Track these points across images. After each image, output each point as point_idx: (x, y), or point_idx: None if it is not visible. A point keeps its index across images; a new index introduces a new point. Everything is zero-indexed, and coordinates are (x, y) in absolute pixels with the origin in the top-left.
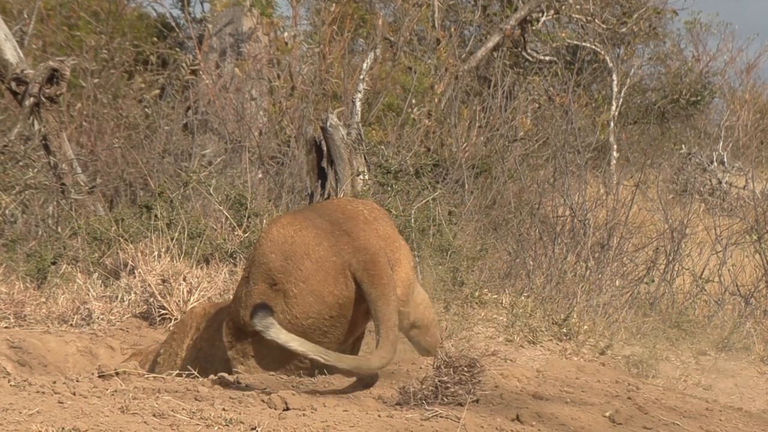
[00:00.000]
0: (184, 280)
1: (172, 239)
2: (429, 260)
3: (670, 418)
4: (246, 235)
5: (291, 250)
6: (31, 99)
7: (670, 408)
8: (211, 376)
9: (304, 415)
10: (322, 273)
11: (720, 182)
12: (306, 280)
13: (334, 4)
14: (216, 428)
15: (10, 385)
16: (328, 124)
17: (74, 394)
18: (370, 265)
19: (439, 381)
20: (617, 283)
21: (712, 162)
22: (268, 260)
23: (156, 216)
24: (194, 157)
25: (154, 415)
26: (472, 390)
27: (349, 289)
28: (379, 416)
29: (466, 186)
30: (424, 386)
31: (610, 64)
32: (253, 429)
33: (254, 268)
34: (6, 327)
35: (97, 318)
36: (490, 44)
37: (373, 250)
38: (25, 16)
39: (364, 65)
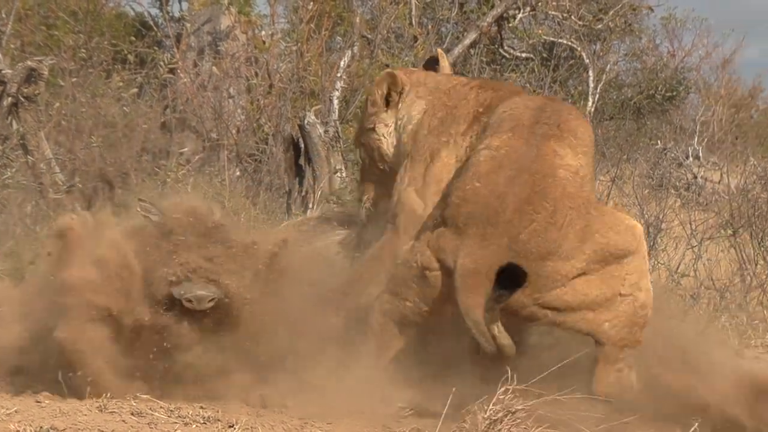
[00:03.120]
0: None
1: None
2: None
3: None
4: None
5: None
6: (9, 99)
7: None
8: None
9: (281, 412)
10: None
11: (695, 177)
12: None
13: (311, 3)
14: (194, 426)
15: None
16: (306, 121)
17: (52, 393)
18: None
19: None
20: None
21: (687, 157)
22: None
23: None
24: (172, 155)
25: (132, 414)
26: None
27: None
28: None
29: None
30: None
31: (587, 61)
32: (230, 426)
33: None
34: None
35: None
36: (467, 41)
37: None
38: (3, 15)
39: (342, 63)
